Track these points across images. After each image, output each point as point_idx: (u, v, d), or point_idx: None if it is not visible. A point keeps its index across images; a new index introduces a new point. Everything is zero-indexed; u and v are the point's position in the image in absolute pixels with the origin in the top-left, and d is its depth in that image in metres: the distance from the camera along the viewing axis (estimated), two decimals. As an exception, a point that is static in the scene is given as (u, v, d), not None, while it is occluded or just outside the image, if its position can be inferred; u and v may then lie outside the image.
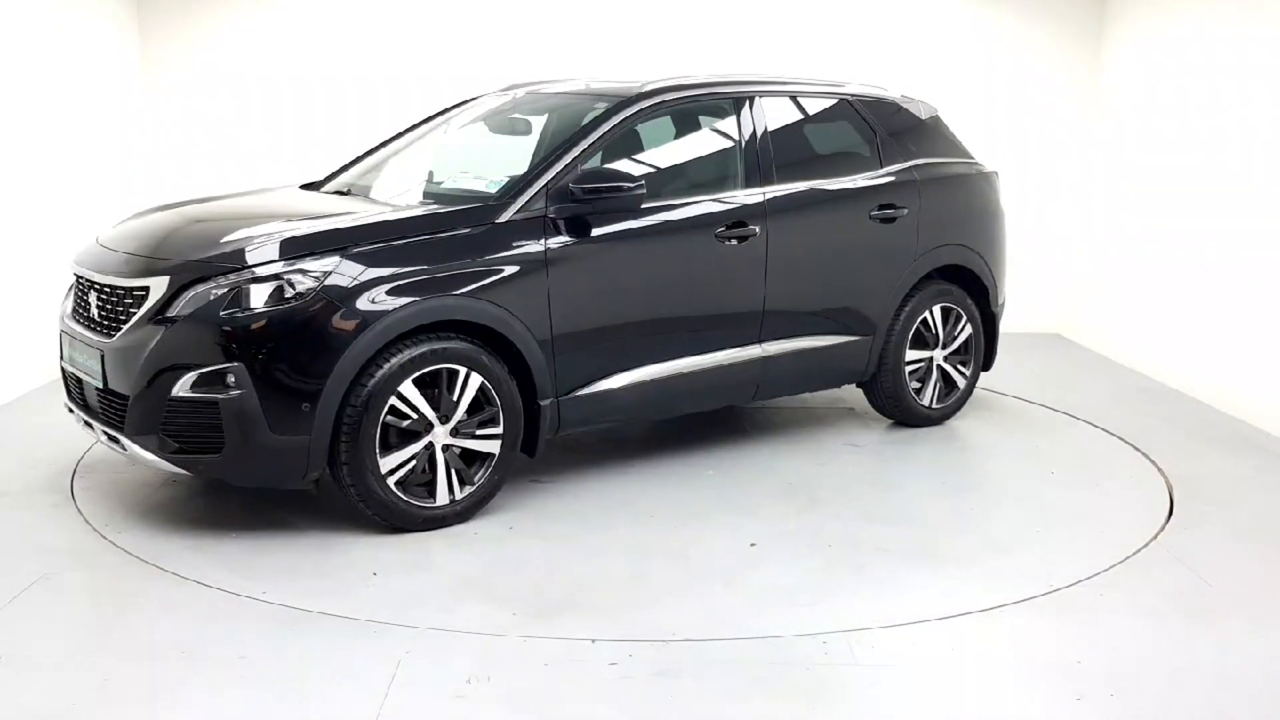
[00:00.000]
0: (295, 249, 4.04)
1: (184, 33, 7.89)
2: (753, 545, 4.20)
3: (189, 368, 3.92)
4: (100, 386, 4.19)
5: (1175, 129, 7.11)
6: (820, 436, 5.61)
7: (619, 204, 4.53)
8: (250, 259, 4.02)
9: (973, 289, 5.90)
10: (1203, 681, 3.28)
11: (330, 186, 5.33)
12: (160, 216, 4.74)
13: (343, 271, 4.01)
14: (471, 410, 4.28)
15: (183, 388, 3.93)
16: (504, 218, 4.38)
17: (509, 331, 4.31)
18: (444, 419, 4.21)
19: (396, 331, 4.06)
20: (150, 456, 4.06)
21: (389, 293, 4.06)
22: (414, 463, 4.19)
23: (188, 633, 3.43)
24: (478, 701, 3.07)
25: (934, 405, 5.81)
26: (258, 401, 3.91)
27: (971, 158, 6.02)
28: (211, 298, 3.95)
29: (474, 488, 4.34)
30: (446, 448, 4.24)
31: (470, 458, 4.34)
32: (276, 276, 3.97)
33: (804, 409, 6.12)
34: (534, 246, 4.38)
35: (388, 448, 4.13)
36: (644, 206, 4.68)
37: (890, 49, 8.07)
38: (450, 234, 4.28)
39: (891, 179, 5.51)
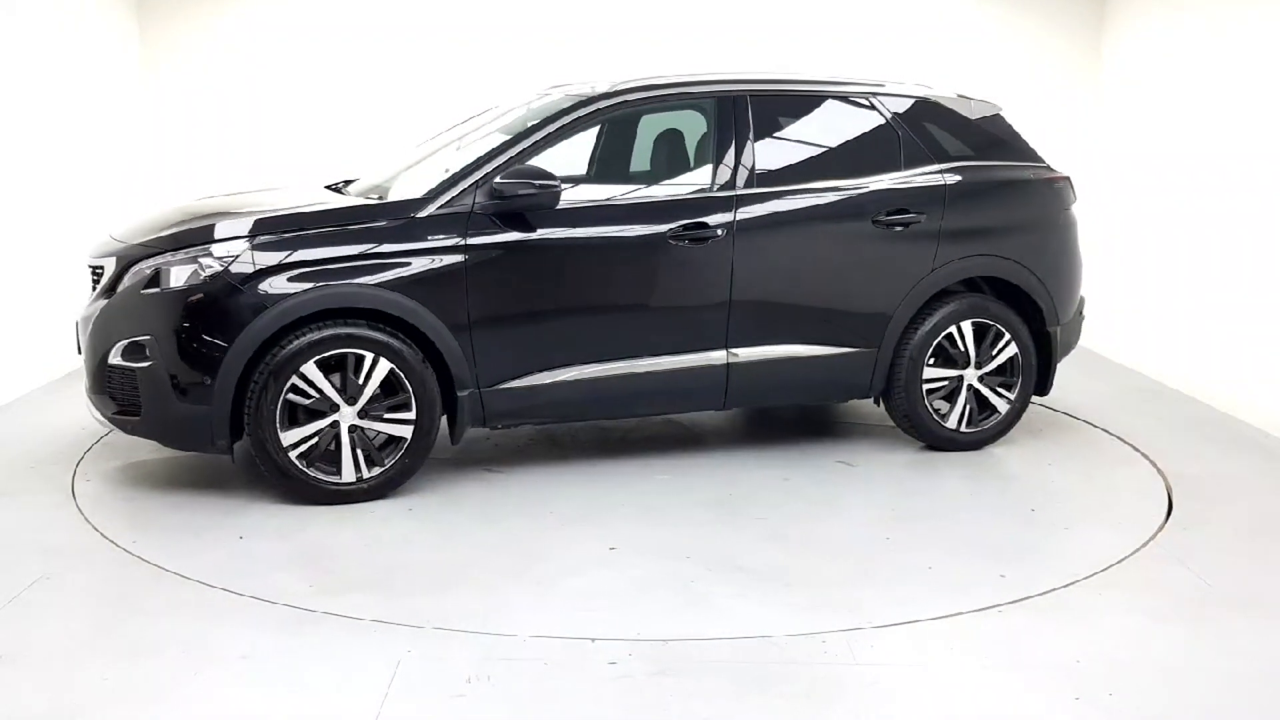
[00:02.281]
0: (209, 236, 4.39)
1: (184, 33, 7.90)
2: (612, 549, 4.14)
3: (120, 338, 4.39)
4: (79, 351, 4.69)
5: (1175, 129, 7.11)
6: (821, 451, 5.33)
7: (535, 201, 4.55)
8: (169, 244, 4.44)
9: (1021, 305, 5.32)
10: (1203, 681, 3.27)
11: (351, 187, 5.32)
12: (163, 209, 5.08)
13: (246, 258, 4.32)
14: (389, 395, 4.46)
15: (115, 355, 4.41)
16: (425, 212, 4.52)
17: (418, 321, 4.45)
18: (351, 400, 4.38)
19: (294, 315, 4.31)
20: (100, 415, 4.55)
21: (291, 279, 4.33)
22: (318, 439, 4.40)
23: (189, 632, 3.43)
24: (478, 701, 3.07)
25: (963, 429, 5.25)
26: (165, 372, 4.29)
27: (1038, 162, 5.46)
28: (140, 277, 4.39)
29: (382, 469, 4.51)
30: (354, 428, 4.43)
31: (388, 440, 4.52)
32: (192, 259, 4.34)
33: (842, 421, 5.88)
34: (453, 240, 4.49)
35: (295, 423, 4.38)
36: (587, 206, 4.77)
37: (888, 48, 8.07)
38: (366, 226, 4.48)
39: (908, 183, 5.08)
